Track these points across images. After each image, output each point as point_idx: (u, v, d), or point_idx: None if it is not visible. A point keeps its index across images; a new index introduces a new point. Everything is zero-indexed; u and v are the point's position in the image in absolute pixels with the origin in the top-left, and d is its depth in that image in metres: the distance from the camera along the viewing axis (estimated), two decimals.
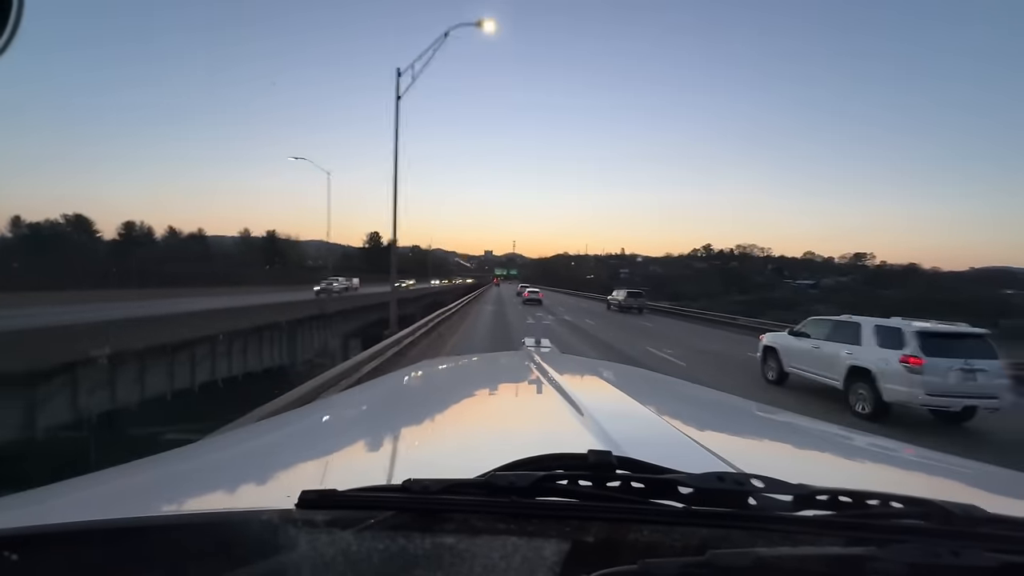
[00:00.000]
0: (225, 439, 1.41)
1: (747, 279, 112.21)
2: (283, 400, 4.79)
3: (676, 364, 11.44)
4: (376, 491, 0.54)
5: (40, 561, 0.46)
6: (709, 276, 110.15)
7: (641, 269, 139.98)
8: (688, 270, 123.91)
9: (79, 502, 0.72)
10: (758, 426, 1.36)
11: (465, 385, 1.72)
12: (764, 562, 0.41)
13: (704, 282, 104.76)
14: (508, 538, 0.48)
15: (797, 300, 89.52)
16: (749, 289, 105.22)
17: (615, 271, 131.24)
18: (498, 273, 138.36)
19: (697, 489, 0.53)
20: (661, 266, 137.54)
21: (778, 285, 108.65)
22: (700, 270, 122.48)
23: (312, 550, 0.46)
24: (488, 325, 20.50)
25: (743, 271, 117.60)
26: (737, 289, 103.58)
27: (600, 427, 0.91)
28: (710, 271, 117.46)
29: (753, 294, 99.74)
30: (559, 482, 0.54)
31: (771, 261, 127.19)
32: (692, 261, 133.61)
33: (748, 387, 8.80)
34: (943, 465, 1.03)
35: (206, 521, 0.55)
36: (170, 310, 14.80)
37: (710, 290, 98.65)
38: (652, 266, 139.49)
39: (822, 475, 0.93)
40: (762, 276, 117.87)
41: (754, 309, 73.01)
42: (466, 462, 0.72)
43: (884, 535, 0.47)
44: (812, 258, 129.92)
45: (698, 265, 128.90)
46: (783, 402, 7.19)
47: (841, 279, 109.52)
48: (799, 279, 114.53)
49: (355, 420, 1.26)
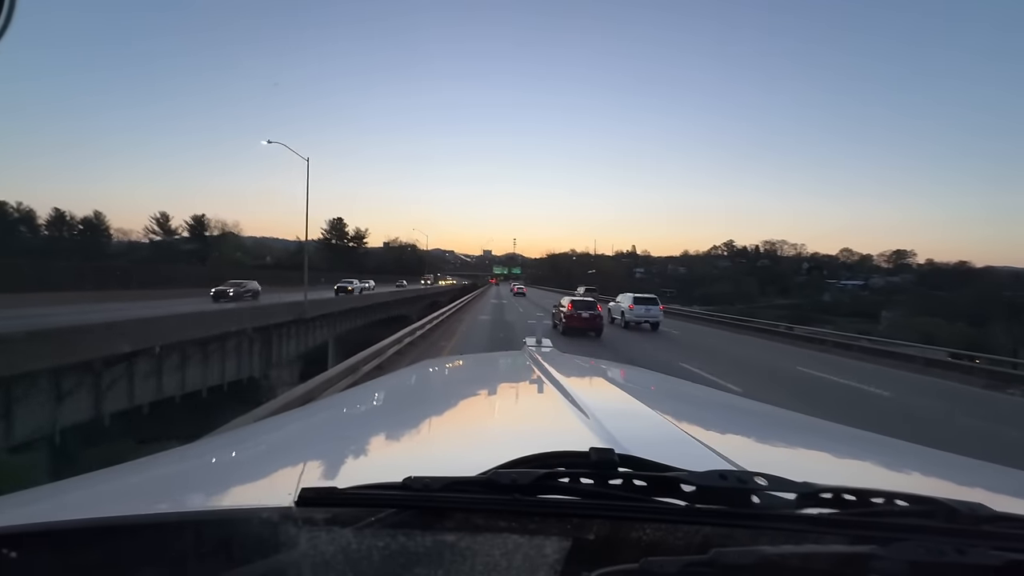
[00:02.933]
0: (225, 438, 1.44)
1: (785, 279, 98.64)
2: (283, 399, 4.81)
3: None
4: (377, 489, 0.54)
5: (40, 559, 0.47)
6: (740, 276, 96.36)
7: (658, 268, 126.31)
8: (714, 269, 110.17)
9: (79, 500, 0.72)
10: (761, 424, 1.36)
11: (466, 384, 1.73)
12: (768, 560, 0.41)
13: (737, 283, 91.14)
14: (510, 536, 0.48)
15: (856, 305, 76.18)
16: (790, 291, 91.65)
17: (629, 270, 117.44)
18: (497, 272, 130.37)
19: (700, 487, 0.52)
20: (680, 264, 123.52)
21: (821, 286, 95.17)
22: (725, 269, 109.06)
23: (312, 548, 0.46)
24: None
25: (778, 271, 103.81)
26: (776, 291, 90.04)
27: (602, 426, 0.90)
28: (738, 270, 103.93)
29: (796, 296, 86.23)
30: (561, 480, 0.54)
31: (805, 259, 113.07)
32: (715, 260, 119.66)
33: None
34: (947, 463, 1.02)
35: (206, 519, 0.55)
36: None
37: (745, 292, 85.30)
38: (671, 265, 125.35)
39: (826, 473, 0.90)
40: (799, 276, 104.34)
41: (805, 315, 60.11)
42: (467, 460, 0.73)
43: (888, 533, 0.46)
44: (848, 256, 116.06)
45: (722, 264, 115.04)
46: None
47: (891, 279, 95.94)
48: (840, 279, 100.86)
49: (355, 418, 1.26)
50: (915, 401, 10.03)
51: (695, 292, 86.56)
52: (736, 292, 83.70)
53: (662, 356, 12.60)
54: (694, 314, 29.12)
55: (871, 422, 7.24)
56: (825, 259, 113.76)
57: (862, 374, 11.88)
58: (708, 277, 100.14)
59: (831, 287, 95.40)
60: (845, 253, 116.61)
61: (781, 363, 12.92)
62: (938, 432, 8.89)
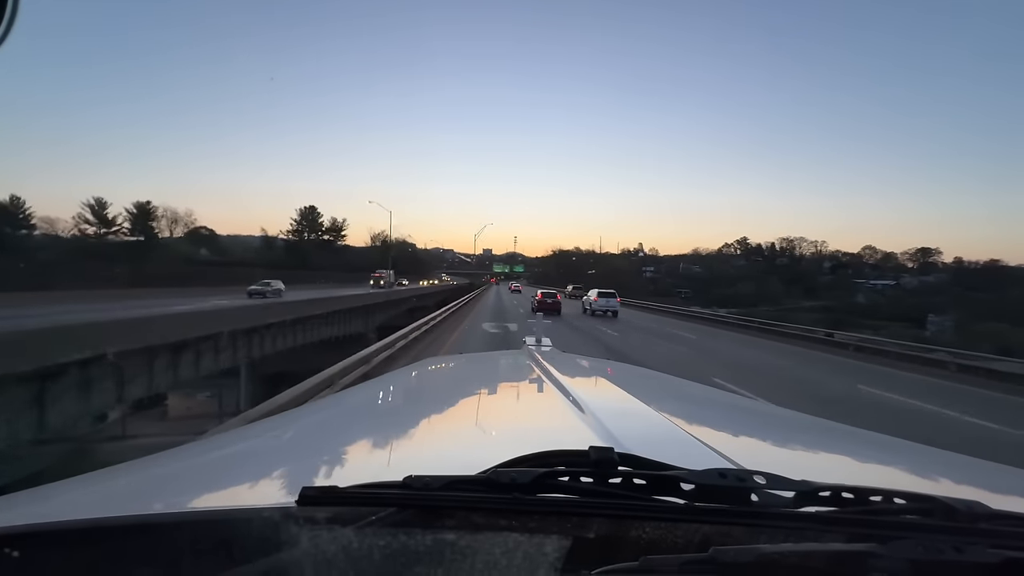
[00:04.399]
0: (225, 437, 1.43)
1: (808, 278, 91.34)
2: (283, 398, 4.74)
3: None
4: (377, 488, 0.54)
5: (42, 559, 0.47)
6: (761, 276, 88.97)
7: (668, 266, 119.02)
8: (730, 268, 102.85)
9: (80, 500, 0.72)
10: (760, 423, 1.36)
11: (466, 383, 1.73)
12: (767, 558, 0.41)
13: (760, 283, 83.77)
14: (510, 534, 0.48)
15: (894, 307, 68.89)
16: (816, 291, 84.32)
17: (637, 269, 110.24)
18: (497, 271, 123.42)
19: (699, 486, 0.52)
20: (692, 262, 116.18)
21: (850, 286, 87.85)
22: (741, 268, 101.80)
23: (313, 547, 0.46)
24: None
25: (799, 270, 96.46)
26: (801, 291, 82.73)
27: (602, 424, 0.90)
28: (755, 269, 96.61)
29: (824, 297, 78.78)
30: (561, 478, 0.54)
31: (826, 257, 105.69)
32: (730, 258, 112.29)
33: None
34: (946, 461, 1.02)
35: (207, 519, 0.55)
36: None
37: (770, 293, 78.01)
38: (683, 264, 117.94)
39: (824, 471, 0.90)
40: (823, 275, 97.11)
41: (841, 319, 52.94)
42: (467, 459, 0.73)
43: (887, 531, 0.46)
44: (871, 254, 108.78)
45: (737, 263, 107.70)
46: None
47: (923, 279, 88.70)
48: (867, 279, 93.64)
49: (356, 417, 1.26)
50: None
51: (713, 292, 79.42)
52: (759, 293, 76.45)
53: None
54: (718, 318, 27.52)
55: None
56: (846, 257, 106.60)
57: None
58: (725, 277, 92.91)
59: (861, 287, 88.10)
60: (868, 251, 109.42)
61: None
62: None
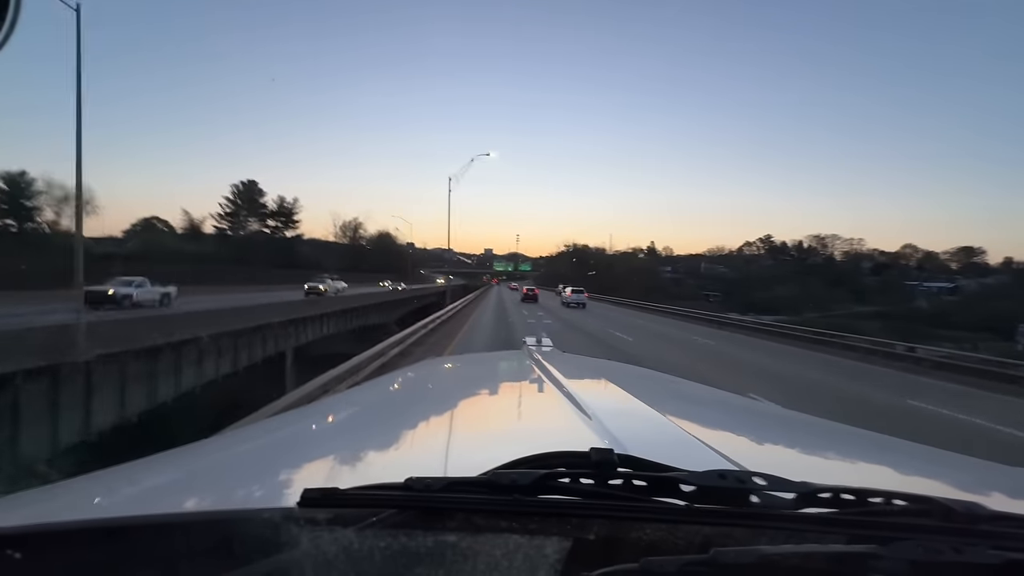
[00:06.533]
0: (227, 438, 1.43)
1: (851, 280, 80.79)
2: (284, 400, 4.82)
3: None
4: (378, 489, 0.54)
5: (43, 559, 0.47)
6: (795, 277, 78.47)
7: (686, 266, 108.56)
8: (759, 269, 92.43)
9: (81, 501, 0.72)
10: (760, 424, 1.36)
11: (466, 384, 1.73)
12: (767, 559, 0.41)
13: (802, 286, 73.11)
14: (510, 536, 0.48)
15: (966, 314, 58.38)
16: (864, 295, 73.79)
17: (653, 269, 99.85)
18: (499, 270, 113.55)
19: (699, 487, 0.52)
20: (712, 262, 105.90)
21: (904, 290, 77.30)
22: (768, 268, 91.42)
23: (314, 548, 0.46)
24: None
25: (837, 271, 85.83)
26: (847, 295, 72.23)
27: (602, 425, 0.90)
28: (785, 269, 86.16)
29: (876, 302, 68.30)
30: (561, 480, 0.54)
31: (864, 257, 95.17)
32: (755, 258, 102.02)
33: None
34: (946, 462, 1.02)
35: (208, 520, 0.55)
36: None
37: (815, 298, 67.60)
38: (706, 263, 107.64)
39: (825, 473, 0.90)
40: (865, 276, 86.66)
41: (907, 328, 42.67)
42: (468, 461, 0.72)
43: (887, 533, 0.46)
44: (912, 253, 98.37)
45: (764, 262, 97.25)
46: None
47: (983, 280, 78.26)
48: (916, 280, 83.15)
49: (357, 419, 1.26)
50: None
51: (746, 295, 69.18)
52: (803, 297, 66.04)
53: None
54: (759, 326, 23.92)
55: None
56: (883, 257, 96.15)
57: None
58: (758, 278, 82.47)
59: (915, 291, 77.64)
60: (908, 249, 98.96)
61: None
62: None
